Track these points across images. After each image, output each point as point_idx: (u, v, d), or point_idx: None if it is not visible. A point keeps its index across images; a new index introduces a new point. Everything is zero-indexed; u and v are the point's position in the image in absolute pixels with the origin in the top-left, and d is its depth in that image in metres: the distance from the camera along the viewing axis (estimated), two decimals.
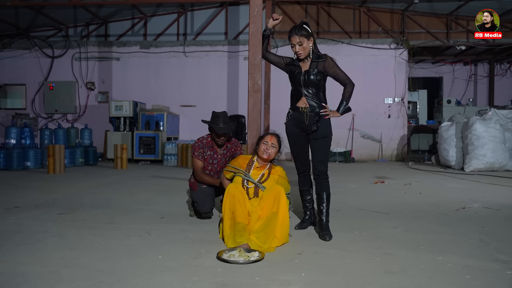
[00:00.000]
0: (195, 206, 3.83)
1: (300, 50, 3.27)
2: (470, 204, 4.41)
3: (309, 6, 11.79)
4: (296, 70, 3.35)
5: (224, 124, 3.71)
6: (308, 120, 3.29)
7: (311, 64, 3.32)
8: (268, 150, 3.28)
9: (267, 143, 3.28)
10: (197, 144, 3.84)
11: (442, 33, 11.61)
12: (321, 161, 3.33)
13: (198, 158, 3.82)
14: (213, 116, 3.76)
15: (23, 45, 11.71)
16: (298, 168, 3.52)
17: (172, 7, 11.65)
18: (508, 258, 2.65)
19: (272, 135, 3.34)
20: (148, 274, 2.36)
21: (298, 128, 3.38)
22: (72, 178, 6.96)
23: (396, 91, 11.31)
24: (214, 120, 3.73)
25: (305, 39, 3.25)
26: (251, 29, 3.82)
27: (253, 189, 3.22)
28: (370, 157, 11.35)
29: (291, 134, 3.44)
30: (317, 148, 3.34)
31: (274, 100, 10.03)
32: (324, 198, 3.31)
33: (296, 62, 3.38)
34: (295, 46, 3.27)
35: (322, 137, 3.31)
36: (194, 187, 3.88)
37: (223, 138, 3.76)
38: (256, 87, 3.77)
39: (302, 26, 3.27)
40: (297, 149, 3.46)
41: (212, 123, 3.70)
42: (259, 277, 2.32)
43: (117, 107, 10.28)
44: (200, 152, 3.82)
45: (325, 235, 3.16)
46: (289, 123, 3.43)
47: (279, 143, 3.36)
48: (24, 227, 3.45)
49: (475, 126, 7.93)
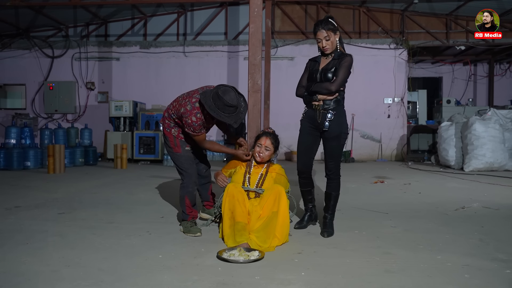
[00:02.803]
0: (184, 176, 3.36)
1: (327, 45, 3.18)
2: (469, 203, 4.41)
3: (308, 6, 11.79)
4: (315, 67, 3.28)
5: (238, 115, 3.16)
6: (321, 118, 3.21)
7: (331, 61, 3.23)
8: (261, 154, 3.26)
9: (261, 146, 3.26)
10: (197, 124, 3.22)
11: (442, 33, 11.63)
12: (331, 160, 3.28)
13: (198, 134, 3.29)
14: (225, 105, 3.06)
15: (23, 45, 11.71)
16: (298, 168, 3.42)
17: (172, 7, 11.65)
18: (507, 257, 2.66)
19: (267, 137, 3.29)
20: (149, 273, 2.37)
21: (312, 126, 3.29)
22: (72, 178, 6.97)
23: (395, 91, 11.32)
24: (224, 110, 3.09)
25: (332, 33, 3.17)
26: (251, 29, 3.83)
27: (254, 193, 3.22)
28: (370, 157, 11.36)
29: (302, 132, 3.37)
30: (328, 147, 3.28)
31: (274, 100, 10.03)
32: (331, 197, 3.31)
33: (318, 59, 3.30)
34: (322, 41, 3.18)
35: (334, 136, 3.23)
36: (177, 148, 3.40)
37: None
38: (256, 87, 3.77)
39: (328, 20, 3.18)
40: (303, 148, 3.38)
41: (229, 120, 3.14)
42: (259, 276, 2.32)
43: (117, 107, 10.29)
44: (202, 128, 3.30)
45: (325, 232, 3.17)
46: (303, 120, 3.36)
47: (274, 145, 3.31)
48: (24, 226, 3.46)
49: (474, 126, 7.94)
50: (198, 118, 3.21)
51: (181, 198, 3.41)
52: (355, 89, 11.20)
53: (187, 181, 3.41)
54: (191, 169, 3.43)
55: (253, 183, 3.25)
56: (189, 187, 3.40)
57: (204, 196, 3.78)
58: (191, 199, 3.40)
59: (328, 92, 3.16)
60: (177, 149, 3.42)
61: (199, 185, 3.66)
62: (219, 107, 3.07)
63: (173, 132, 3.43)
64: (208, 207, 3.75)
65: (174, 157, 3.47)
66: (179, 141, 3.42)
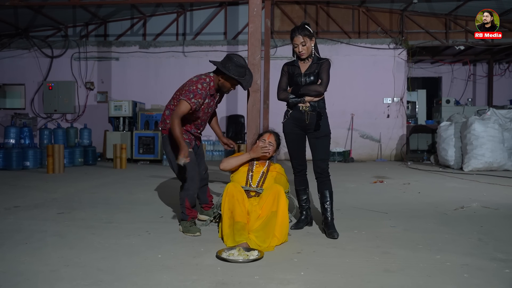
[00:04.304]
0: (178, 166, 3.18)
1: (303, 50, 3.31)
2: (468, 203, 4.42)
3: (308, 6, 11.79)
4: (296, 71, 3.38)
5: (249, 73, 3.33)
6: (309, 119, 3.32)
7: (311, 65, 3.37)
8: (266, 148, 3.30)
9: (265, 141, 3.31)
10: (201, 92, 3.20)
11: (441, 33, 11.63)
12: (322, 159, 3.35)
13: (191, 105, 3.18)
14: (233, 63, 3.21)
15: (22, 45, 11.70)
16: (295, 167, 3.52)
17: (171, 7, 11.65)
18: (506, 257, 2.66)
19: (270, 133, 3.37)
20: (148, 273, 2.36)
21: (298, 127, 3.40)
22: (71, 177, 6.96)
23: (395, 91, 11.32)
24: (239, 72, 3.22)
25: (308, 39, 3.30)
26: (250, 29, 3.83)
27: (255, 191, 3.23)
28: (369, 157, 11.36)
29: (289, 133, 3.45)
30: (319, 147, 3.36)
31: (273, 100, 9.99)
32: (327, 196, 3.33)
33: (296, 63, 3.41)
34: (298, 46, 3.31)
35: (324, 136, 3.35)
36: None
37: (234, 88, 3.39)
38: (255, 86, 3.77)
39: (305, 26, 3.32)
40: (295, 148, 3.47)
41: (240, 77, 3.22)
42: (259, 276, 2.32)
43: (116, 107, 10.28)
44: (199, 101, 3.22)
45: (333, 232, 3.18)
46: (287, 122, 3.44)
47: (277, 142, 3.39)
48: (23, 226, 3.45)
49: (474, 126, 7.94)
50: (204, 87, 3.23)
51: (182, 200, 3.36)
52: (354, 89, 11.28)
53: (188, 184, 3.33)
54: (193, 171, 3.33)
55: (254, 181, 3.27)
56: (190, 190, 3.34)
57: (203, 199, 3.75)
58: (191, 201, 3.37)
59: (317, 94, 3.31)
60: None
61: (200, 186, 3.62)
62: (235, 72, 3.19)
63: None
64: (206, 209, 3.74)
65: (171, 159, 3.38)
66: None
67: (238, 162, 3.31)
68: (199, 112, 3.34)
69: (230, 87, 3.35)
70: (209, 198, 3.78)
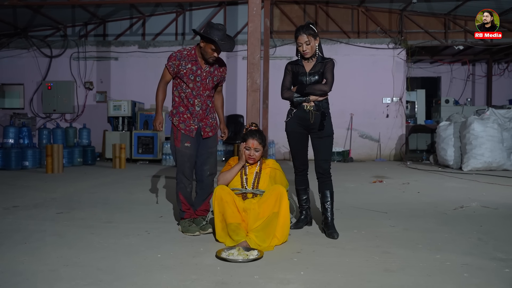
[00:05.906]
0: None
1: (307, 49, 3.30)
2: (468, 203, 4.42)
3: (307, 6, 11.79)
4: (300, 70, 3.38)
5: (228, 40, 3.28)
6: (313, 119, 3.32)
7: (316, 65, 3.36)
8: (252, 156, 3.19)
9: (250, 149, 3.17)
10: (174, 55, 3.32)
11: (440, 33, 11.64)
12: (325, 159, 3.36)
13: (168, 69, 3.35)
14: (211, 27, 3.24)
15: (21, 45, 11.68)
16: (297, 166, 3.52)
17: (171, 7, 11.64)
18: (506, 256, 2.66)
19: (253, 139, 3.18)
20: (147, 272, 2.36)
21: (301, 127, 3.39)
22: (70, 177, 6.95)
23: (394, 90, 11.33)
24: (213, 32, 3.20)
25: (312, 38, 3.30)
26: (250, 29, 3.83)
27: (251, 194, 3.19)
28: (369, 156, 11.36)
29: (292, 132, 3.44)
30: (322, 147, 3.36)
31: (273, 100, 10.01)
32: (328, 196, 3.33)
33: (300, 62, 3.41)
34: (302, 45, 3.30)
35: (327, 136, 3.35)
36: (177, 142, 3.34)
37: (216, 55, 3.31)
38: (254, 86, 3.77)
39: (309, 25, 3.32)
40: (298, 148, 3.47)
41: (213, 36, 3.18)
42: (258, 276, 2.32)
43: (115, 106, 10.27)
44: (174, 64, 3.30)
45: (333, 233, 3.18)
46: (290, 121, 3.43)
47: (262, 144, 3.23)
48: (23, 226, 3.45)
49: (473, 126, 7.95)
50: (180, 51, 3.36)
51: (176, 195, 3.39)
52: (353, 89, 11.27)
53: (178, 177, 3.39)
54: (183, 166, 3.36)
55: (250, 183, 3.23)
56: (181, 182, 3.37)
57: (197, 203, 3.45)
58: (185, 195, 3.35)
59: (322, 93, 3.30)
60: (177, 142, 3.37)
61: (199, 189, 3.47)
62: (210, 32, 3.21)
63: (174, 121, 3.39)
64: (198, 213, 3.44)
65: (172, 150, 3.44)
66: (181, 134, 3.35)
67: (233, 175, 3.25)
68: (189, 82, 3.33)
69: (211, 53, 3.25)
70: (205, 207, 3.46)
